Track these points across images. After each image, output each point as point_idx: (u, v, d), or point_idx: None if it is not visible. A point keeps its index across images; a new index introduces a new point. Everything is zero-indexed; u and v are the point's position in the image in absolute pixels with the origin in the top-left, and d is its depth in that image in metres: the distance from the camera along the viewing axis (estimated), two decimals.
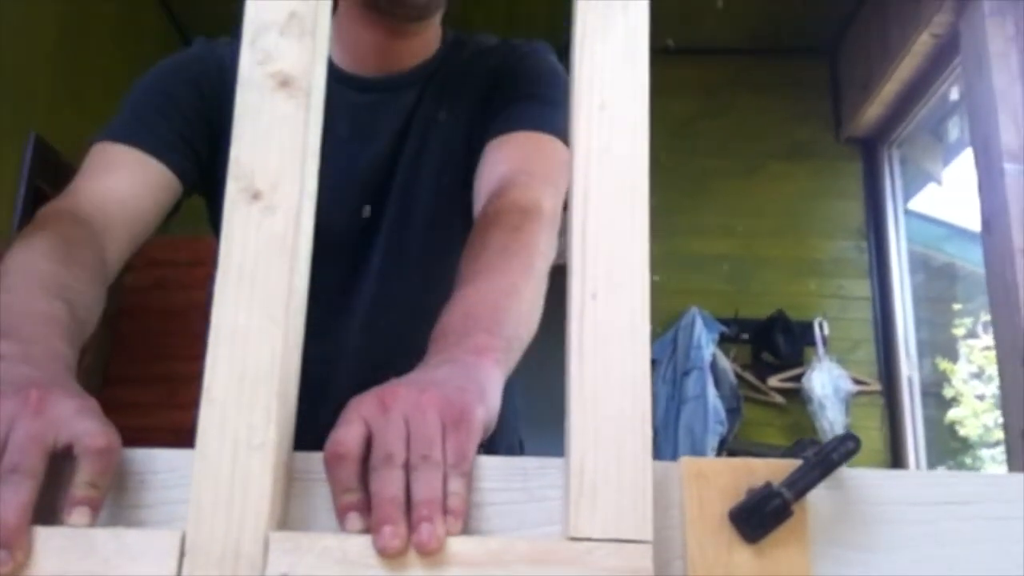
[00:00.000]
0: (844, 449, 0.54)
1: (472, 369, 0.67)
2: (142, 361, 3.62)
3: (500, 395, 0.68)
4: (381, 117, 1.17)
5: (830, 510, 0.56)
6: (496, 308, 0.77)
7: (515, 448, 1.25)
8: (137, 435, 0.60)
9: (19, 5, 3.10)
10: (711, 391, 3.88)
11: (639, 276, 0.52)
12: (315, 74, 0.54)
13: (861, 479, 0.57)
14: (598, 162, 0.52)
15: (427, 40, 1.19)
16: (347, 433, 0.56)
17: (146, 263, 3.76)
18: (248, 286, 0.53)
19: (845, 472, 0.56)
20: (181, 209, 1.15)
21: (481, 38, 1.24)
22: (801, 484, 0.53)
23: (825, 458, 0.54)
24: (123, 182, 1.03)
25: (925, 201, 4.45)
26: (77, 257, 0.87)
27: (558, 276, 0.97)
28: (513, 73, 1.16)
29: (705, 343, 3.97)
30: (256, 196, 0.52)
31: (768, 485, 0.53)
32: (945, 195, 4.26)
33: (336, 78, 1.15)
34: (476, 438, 0.59)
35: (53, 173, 3.29)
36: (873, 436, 4.02)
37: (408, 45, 1.17)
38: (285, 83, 0.52)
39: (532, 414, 1.31)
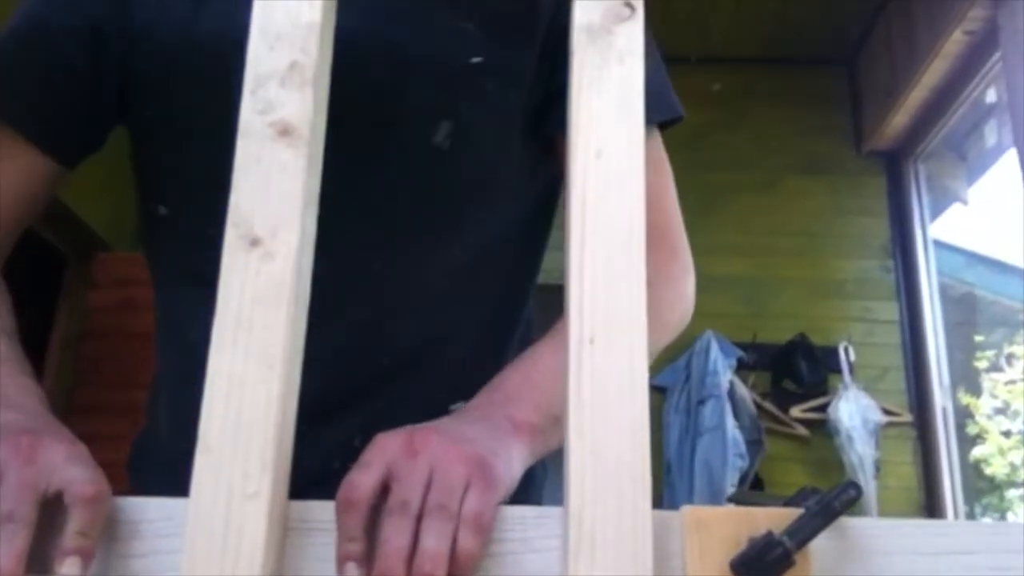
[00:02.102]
0: (846, 497, 0.59)
1: (504, 436, 0.71)
2: (106, 388, 3.61)
3: (521, 471, 0.71)
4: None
5: (832, 559, 0.60)
6: (557, 381, 0.78)
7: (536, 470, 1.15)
8: (103, 469, 0.63)
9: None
10: (730, 421, 3.85)
11: (637, 321, 0.57)
12: (316, 123, 0.59)
13: (863, 528, 0.61)
14: (595, 209, 0.58)
15: None
16: (364, 480, 0.60)
17: (112, 281, 3.77)
18: (245, 333, 0.57)
19: (847, 521, 0.60)
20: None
21: None
22: (803, 533, 0.57)
23: (827, 507, 0.58)
24: None
25: (943, 228, 4.47)
26: None
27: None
28: None
29: (721, 369, 3.95)
30: (255, 243, 0.57)
31: (769, 534, 0.57)
32: (965, 221, 4.28)
33: None
34: (498, 499, 0.63)
35: None
36: (906, 473, 4.00)
37: None
38: (285, 132, 0.57)
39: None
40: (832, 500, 0.57)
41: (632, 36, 0.58)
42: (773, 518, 0.58)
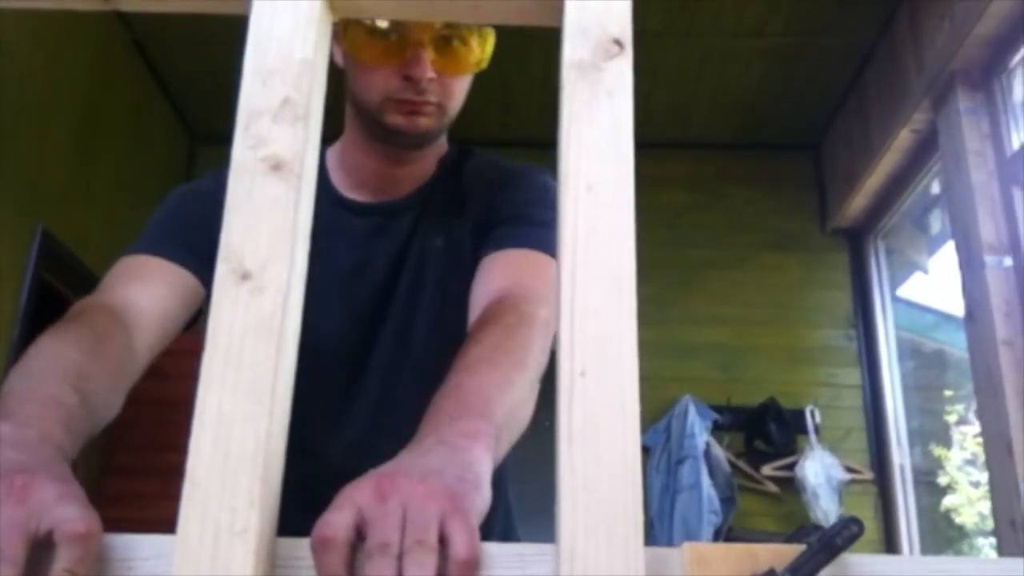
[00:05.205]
0: (848, 533, 0.53)
1: (465, 454, 0.66)
2: (138, 451, 3.56)
3: (490, 484, 0.66)
4: (378, 243, 1.16)
5: None
6: (488, 398, 0.76)
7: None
8: (133, 528, 0.58)
9: (35, 102, 3.16)
10: (705, 480, 3.83)
11: (628, 354, 0.51)
12: (307, 158, 0.54)
13: (865, 564, 0.54)
14: (585, 242, 0.52)
15: (425, 164, 1.19)
16: (337, 518, 0.54)
17: None
18: (234, 368, 0.51)
19: (849, 557, 0.54)
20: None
21: (478, 159, 1.23)
22: (805, 569, 0.51)
23: (829, 543, 0.52)
24: (151, 284, 1.04)
25: (913, 288, 4.47)
26: (105, 349, 0.87)
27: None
28: (507, 193, 1.15)
29: (699, 431, 3.93)
30: (245, 277, 0.51)
31: (772, 571, 0.51)
32: (932, 283, 4.29)
33: (334, 202, 1.16)
34: (477, 524, 0.57)
35: (59, 266, 3.29)
36: (867, 527, 3.93)
37: (407, 171, 1.17)
38: (277, 167, 0.52)
39: (521, 508, 1.28)
40: (834, 536, 0.51)
41: (621, 72, 0.53)
42: (775, 555, 0.51)
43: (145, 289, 1.03)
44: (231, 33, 0.67)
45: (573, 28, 0.53)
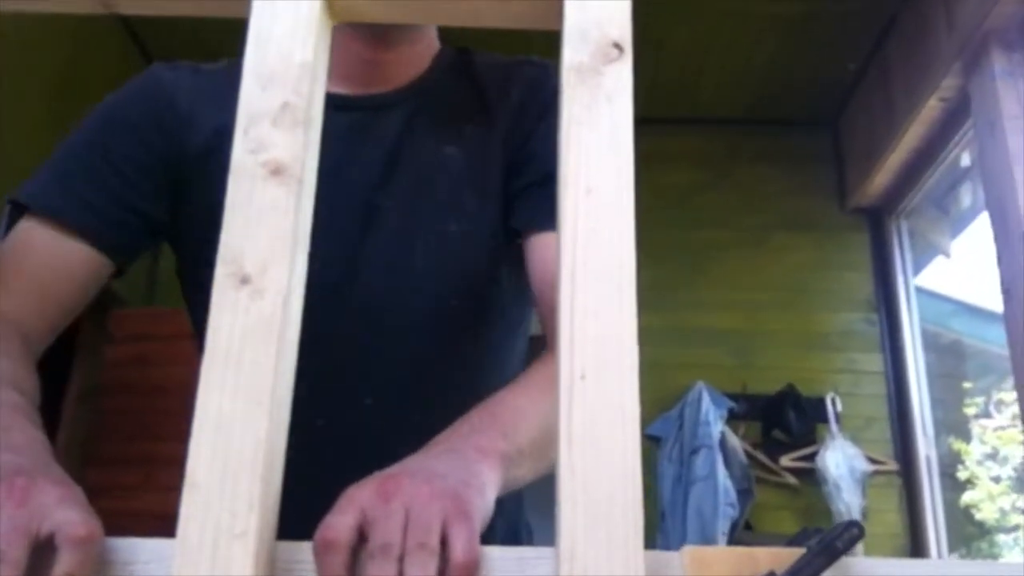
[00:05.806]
0: (848, 536, 0.55)
1: (473, 464, 0.69)
2: (122, 440, 3.59)
3: (495, 496, 0.69)
4: (362, 142, 1.06)
5: None
6: (521, 420, 0.78)
7: (520, 533, 1.20)
8: (117, 520, 0.61)
9: (9, 71, 3.18)
10: (721, 471, 3.81)
11: (628, 356, 0.54)
12: (307, 161, 0.56)
13: (866, 567, 0.57)
14: (585, 244, 0.55)
15: (417, 54, 1.11)
16: (340, 520, 0.58)
17: (127, 336, 3.76)
18: (234, 371, 0.54)
19: (850, 560, 0.57)
20: (129, 273, 1.10)
21: (486, 57, 1.13)
22: (805, 573, 0.54)
23: (829, 546, 0.55)
24: (40, 271, 0.99)
25: (930, 277, 4.47)
26: (11, 351, 0.88)
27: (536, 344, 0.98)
28: (549, 132, 1.03)
29: (713, 419, 3.92)
30: (244, 280, 0.54)
31: (771, 574, 0.54)
32: (951, 271, 4.28)
33: None
34: (477, 530, 0.60)
35: None
36: (891, 520, 3.95)
37: (396, 58, 1.09)
38: (277, 171, 0.55)
39: (537, 498, 1.30)
40: (834, 539, 0.54)
41: (621, 76, 0.56)
42: (775, 558, 0.54)
43: (32, 279, 0.98)
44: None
45: (573, 32, 0.56)
